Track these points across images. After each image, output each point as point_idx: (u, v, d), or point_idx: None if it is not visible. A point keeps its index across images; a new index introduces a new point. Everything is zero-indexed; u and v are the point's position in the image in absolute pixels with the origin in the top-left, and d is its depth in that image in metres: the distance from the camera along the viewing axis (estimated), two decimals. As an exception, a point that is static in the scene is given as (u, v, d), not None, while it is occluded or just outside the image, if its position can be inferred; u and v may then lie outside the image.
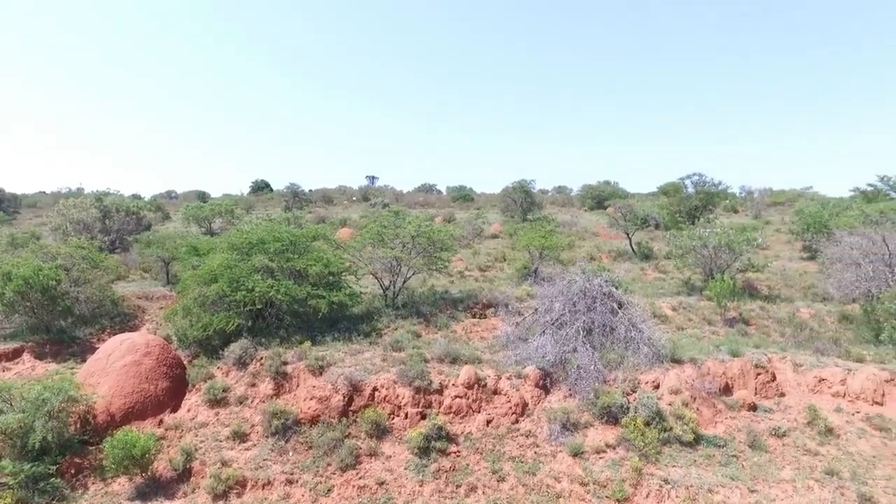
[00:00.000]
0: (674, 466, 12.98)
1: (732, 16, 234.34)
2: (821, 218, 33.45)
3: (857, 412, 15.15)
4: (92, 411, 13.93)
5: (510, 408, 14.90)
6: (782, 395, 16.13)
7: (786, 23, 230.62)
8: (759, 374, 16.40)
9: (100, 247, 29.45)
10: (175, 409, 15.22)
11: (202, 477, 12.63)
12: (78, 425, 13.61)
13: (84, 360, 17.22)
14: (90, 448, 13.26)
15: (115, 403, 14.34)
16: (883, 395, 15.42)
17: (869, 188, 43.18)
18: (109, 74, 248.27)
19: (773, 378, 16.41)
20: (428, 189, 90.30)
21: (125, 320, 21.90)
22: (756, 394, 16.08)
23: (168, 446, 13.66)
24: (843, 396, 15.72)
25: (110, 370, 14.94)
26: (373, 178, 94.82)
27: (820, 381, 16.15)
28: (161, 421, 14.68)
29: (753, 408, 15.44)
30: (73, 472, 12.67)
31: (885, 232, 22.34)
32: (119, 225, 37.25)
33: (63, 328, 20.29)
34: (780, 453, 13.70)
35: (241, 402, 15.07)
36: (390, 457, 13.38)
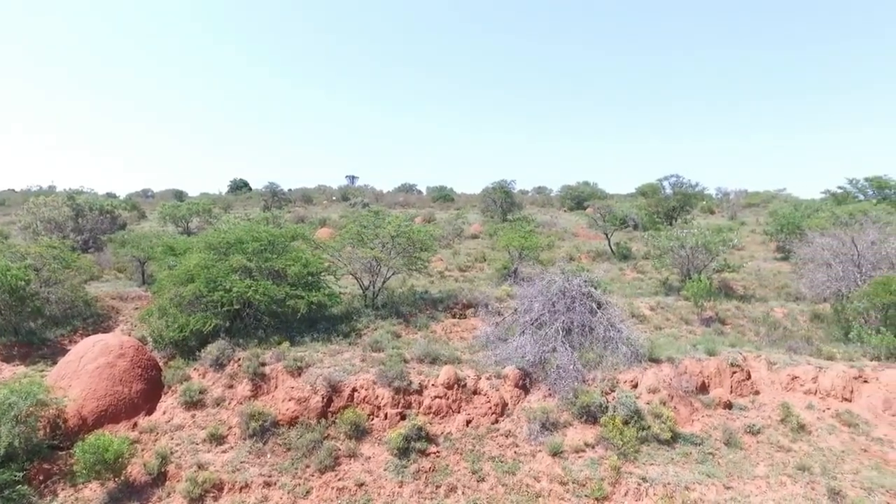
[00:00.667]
0: (652, 465, 13.13)
1: (709, 19, 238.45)
2: (794, 219, 34.26)
3: (828, 409, 15.52)
4: (62, 415, 13.57)
5: (490, 408, 14.92)
6: (757, 393, 16.43)
7: (761, 25, 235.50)
8: (734, 372, 16.68)
9: (72, 246, 28.76)
10: (150, 412, 14.92)
11: (178, 481, 12.38)
12: (47, 430, 13.22)
13: (55, 363, 16.81)
14: (60, 453, 12.88)
15: (87, 407, 14.00)
16: (851, 391, 15.83)
17: (839, 190, 44.39)
18: (83, 69, 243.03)
19: (748, 376, 16.70)
20: (408, 189, 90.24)
21: (98, 321, 21.44)
22: (732, 392, 16.35)
23: (142, 450, 13.37)
24: (815, 394, 16.08)
25: (82, 372, 14.59)
26: (353, 177, 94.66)
27: (793, 379, 16.49)
28: (135, 424, 14.37)
29: (729, 406, 15.70)
30: (41, 478, 12.29)
31: (853, 233, 22.92)
32: (92, 224, 36.48)
33: (33, 330, 19.76)
34: (754, 450, 13.97)
35: (218, 404, 14.84)
36: (370, 458, 13.30)
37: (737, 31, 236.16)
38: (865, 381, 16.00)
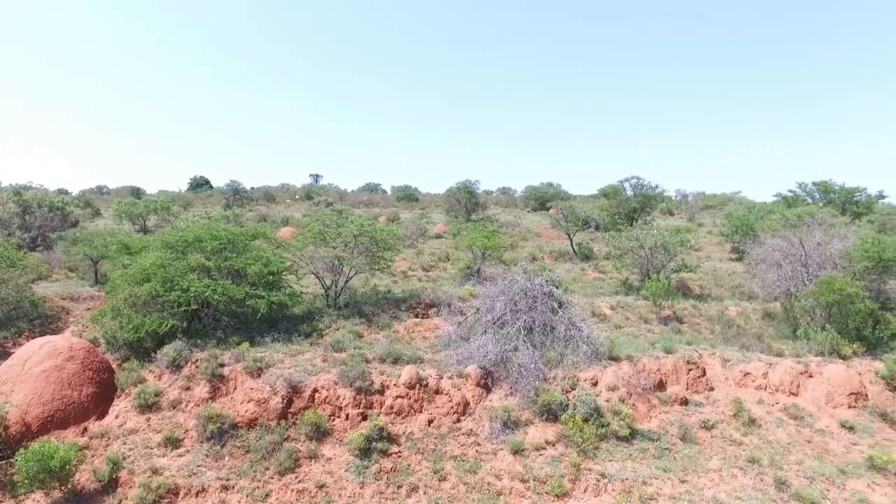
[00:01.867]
0: (610, 461, 13.42)
1: (672, 27, 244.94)
2: (747, 221, 35.42)
3: (777, 403, 16.19)
4: (3, 422, 12.92)
5: (452, 407, 14.97)
6: (711, 389, 16.98)
7: (720, 35, 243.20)
8: (690, 369, 17.19)
9: (18, 244, 27.51)
10: (101, 416, 14.42)
11: (130, 487, 11.99)
12: (-15, 438, 12.60)
13: (-4, 367, 16.03)
14: (0, 462, 12.31)
15: (32, 412, 13.41)
16: (798, 386, 16.56)
17: (789, 194, 46.05)
18: (33, 59, 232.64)
19: (704, 373, 17.24)
20: (373, 188, 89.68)
21: (47, 323, 20.55)
22: (688, 388, 16.84)
23: (93, 456, 12.90)
24: (765, 389, 16.74)
25: (27, 376, 13.96)
26: (317, 176, 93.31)
27: (745, 376, 17.12)
28: (85, 429, 13.87)
29: (685, 402, 16.17)
30: (-22, 489, 11.71)
31: (801, 234, 23.90)
32: (41, 221, 34.99)
33: (-28, 332, 18.79)
34: (708, 444, 14.45)
35: (174, 407, 14.46)
36: (330, 459, 13.17)
37: (697, 42, 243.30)
38: (810, 376, 16.76)
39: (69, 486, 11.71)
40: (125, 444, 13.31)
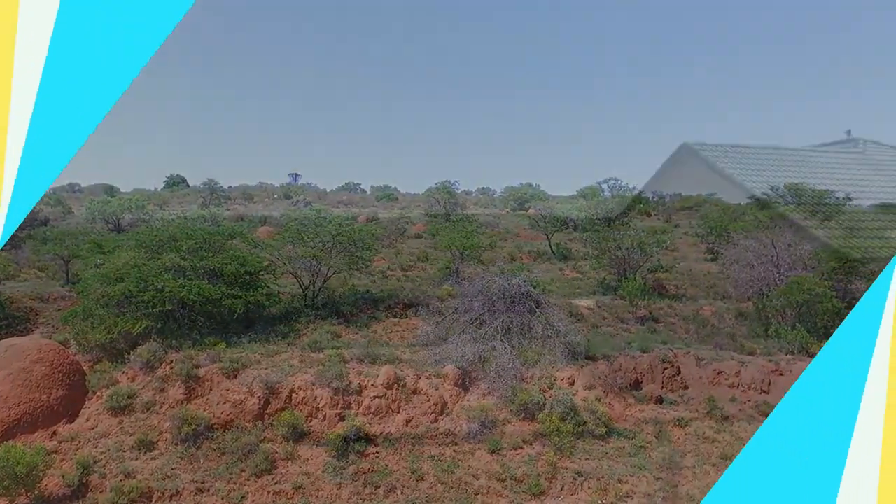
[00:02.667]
0: (587, 459, 13.56)
1: (641, 33, 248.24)
2: (722, 222, 36.03)
3: (749, 401, 16.52)
4: (-34, 428, 12.58)
5: (430, 407, 14.98)
6: (686, 387, 17.26)
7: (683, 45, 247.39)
8: (665, 368, 17.46)
9: (-17, 244, 26.73)
10: (72, 420, 14.14)
11: (101, 491, 11.77)
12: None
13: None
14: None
15: (-2, 416, 13.08)
16: (769, 384, 16.93)
17: (763, 195, 46.91)
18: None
19: (678, 372, 17.52)
20: (352, 188, 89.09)
21: (14, 324, 20.00)
22: (663, 387, 17.10)
23: (62, 460, 12.64)
24: (737, 387, 17.08)
25: (-8, 380, 13.61)
26: (295, 175, 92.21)
27: (718, 374, 17.44)
28: (54, 433, 13.59)
29: (660, 400, 16.41)
30: (-64, 500, 11.36)
31: (773, 236, 24.43)
32: (9, 220, 34.03)
33: (-67, 335, 18.19)
34: (682, 442, 14.68)
35: (148, 409, 14.23)
36: (307, 460, 13.09)
37: (682, 44, 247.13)
38: (781, 374, 17.14)
39: (36, 492, 11.42)
40: (96, 447, 13.06)
